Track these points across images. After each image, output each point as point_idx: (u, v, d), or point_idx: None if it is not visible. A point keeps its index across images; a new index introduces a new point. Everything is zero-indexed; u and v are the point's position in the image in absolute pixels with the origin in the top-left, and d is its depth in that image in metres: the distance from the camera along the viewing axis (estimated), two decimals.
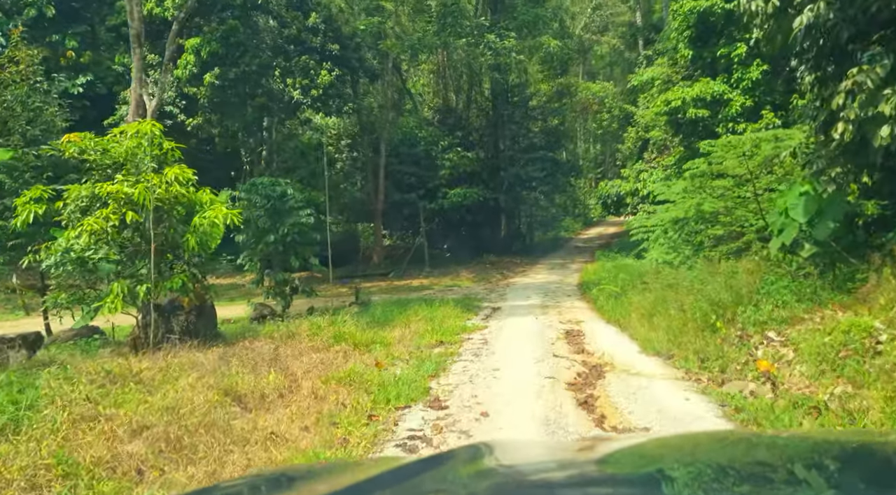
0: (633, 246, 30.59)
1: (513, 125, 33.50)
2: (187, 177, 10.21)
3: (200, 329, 11.57)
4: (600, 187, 27.57)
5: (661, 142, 26.17)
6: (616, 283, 17.50)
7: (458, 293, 21.42)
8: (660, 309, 11.31)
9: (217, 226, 10.04)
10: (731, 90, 19.70)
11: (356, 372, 8.40)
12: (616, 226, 47.09)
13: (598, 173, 59.68)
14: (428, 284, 24.95)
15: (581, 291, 20.33)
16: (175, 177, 9.89)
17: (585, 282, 21.66)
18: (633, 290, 15.45)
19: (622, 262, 24.07)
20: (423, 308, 15.25)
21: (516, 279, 25.39)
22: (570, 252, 34.82)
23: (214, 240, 10.83)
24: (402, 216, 30.54)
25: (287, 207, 16.54)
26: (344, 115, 26.84)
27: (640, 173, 26.66)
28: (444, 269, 28.98)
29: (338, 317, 14.40)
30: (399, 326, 12.98)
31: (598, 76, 59.13)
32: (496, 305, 17.70)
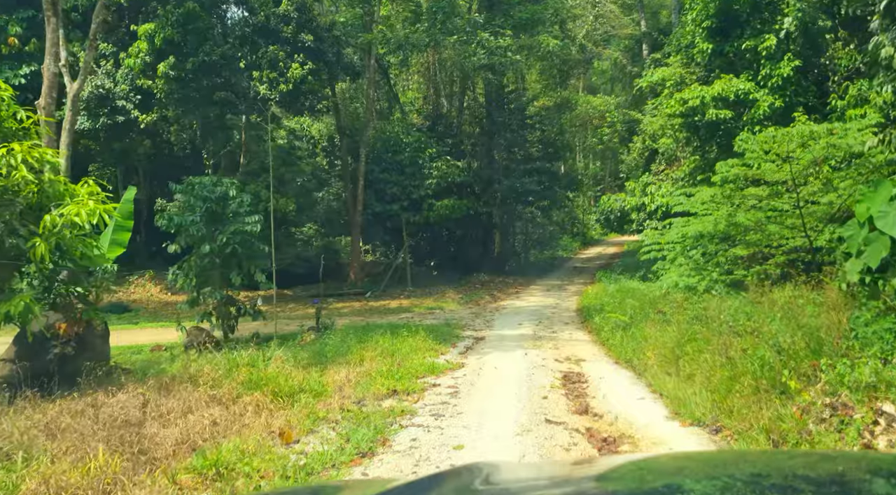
0: (638, 267, 27.83)
1: (508, 133, 30.80)
2: (45, 160, 7.36)
3: (81, 365, 8.71)
4: (602, 202, 24.80)
5: (670, 152, 23.44)
6: (623, 311, 14.68)
7: (439, 317, 18.57)
8: (688, 350, 8.47)
9: (80, 226, 7.18)
10: (757, 88, 17.00)
11: (244, 450, 5.53)
12: (616, 246, 44.41)
13: (597, 191, 57.17)
14: (408, 306, 22.09)
15: (581, 318, 17.49)
16: (23, 158, 7.05)
17: (586, 307, 18.82)
18: (645, 321, 12.63)
19: (627, 285, 21.28)
20: (388, 337, 12.38)
21: (508, 302, 22.54)
22: (568, 272, 31.99)
23: (90, 247, 7.96)
24: (384, 229, 27.71)
25: (229, 212, 13.71)
26: (318, 115, 24.07)
27: (646, 186, 23.91)
28: (429, 289, 26.13)
29: (278, 348, 11.56)
30: (350, 364, 10.11)
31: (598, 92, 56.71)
32: (480, 334, 14.82)
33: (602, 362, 10.79)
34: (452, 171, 26.77)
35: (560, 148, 33.08)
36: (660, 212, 22.48)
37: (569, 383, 9.02)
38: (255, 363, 8.92)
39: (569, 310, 19.65)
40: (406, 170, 27.07)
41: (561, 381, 9.12)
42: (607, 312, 15.34)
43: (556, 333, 14.61)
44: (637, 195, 24.13)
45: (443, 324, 16.49)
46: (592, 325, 15.19)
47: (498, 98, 31.39)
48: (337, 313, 20.93)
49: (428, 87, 33.01)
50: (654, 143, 25.22)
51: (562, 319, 17.42)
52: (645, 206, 23.20)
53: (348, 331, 14.14)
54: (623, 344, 11.38)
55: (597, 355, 11.54)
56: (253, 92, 21.33)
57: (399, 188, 26.79)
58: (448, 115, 31.38)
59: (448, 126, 31.05)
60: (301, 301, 24.04)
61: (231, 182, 14.16)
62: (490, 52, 25.67)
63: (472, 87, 31.88)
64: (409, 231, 28.86)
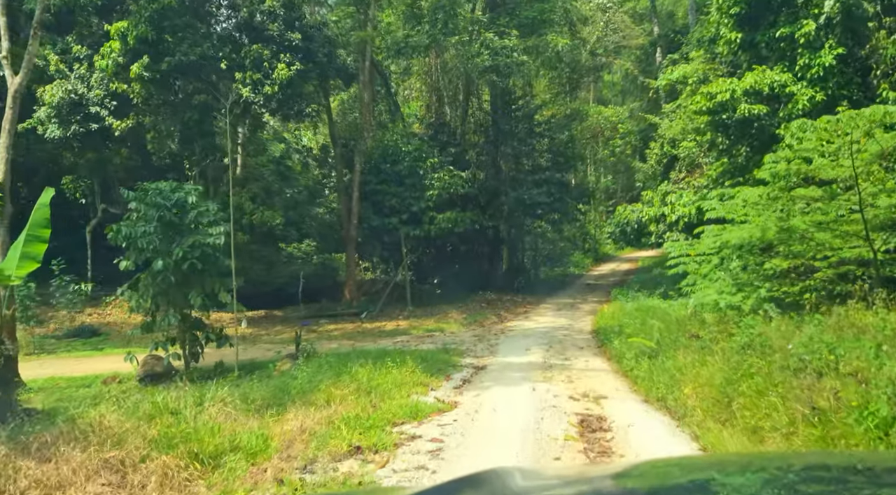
0: (657, 283, 25.72)
1: (515, 142, 28.89)
2: None
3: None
4: (617, 213, 22.84)
5: (691, 157, 21.48)
6: (647, 334, 12.65)
7: (437, 341, 16.58)
8: (745, 390, 6.46)
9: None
10: (794, 81, 15.04)
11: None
12: (630, 263, 42.29)
13: (608, 205, 55.23)
14: (405, 328, 20.11)
15: (597, 342, 15.45)
16: None
17: (602, 329, 16.77)
18: (676, 347, 10.62)
19: (647, 304, 19.22)
20: (369, 368, 10.40)
21: (515, 322, 20.51)
22: (580, 290, 29.90)
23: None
24: (382, 244, 25.78)
25: (188, 222, 11.81)
26: (307, 120, 22.27)
27: (666, 195, 21.93)
28: (431, 309, 24.14)
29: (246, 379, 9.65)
30: (314, 405, 8.13)
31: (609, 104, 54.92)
32: (481, 362, 12.80)
33: (628, 401, 8.77)
34: (455, 182, 24.84)
35: (571, 157, 31.11)
36: (681, 223, 20.52)
37: (588, 432, 7.01)
38: (179, 410, 6.93)
39: (583, 333, 17.61)
40: (405, 181, 25.18)
41: (578, 429, 7.10)
42: (628, 336, 13.32)
43: (569, 361, 12.57)
44: (656, 205, 22.14)
45: (440, 349, 14.49)
46: (611, 351, 13.15)
47: (504, 105, 29.55)
48: (326, 336, 18.98)
49: (430, 94, 31.19)
50: (672, 149, 23.27)
51: (575, 343, 15.38)
52: (665, 217, 21.20)
53: (328, 360, 12.14)
54: (652, 376, 9.35)
55: (620, 390, 9.51)
56: (235, 94, 19.53)
57: (398, 200, 24.89)
58: (451, 123, 29.53)
59: (451, 135, 29.18)
60: (291, 322, 22.10)
61: (194, 189, 12.27)
62: (494, 53, 23.88)
63: (476, 94, 30.06)
64: (409, 246, 26.92)
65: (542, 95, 35.23)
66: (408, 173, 25.15)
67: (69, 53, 21.64)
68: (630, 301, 21.47)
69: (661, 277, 28.60)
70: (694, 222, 20.27)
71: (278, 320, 22.80)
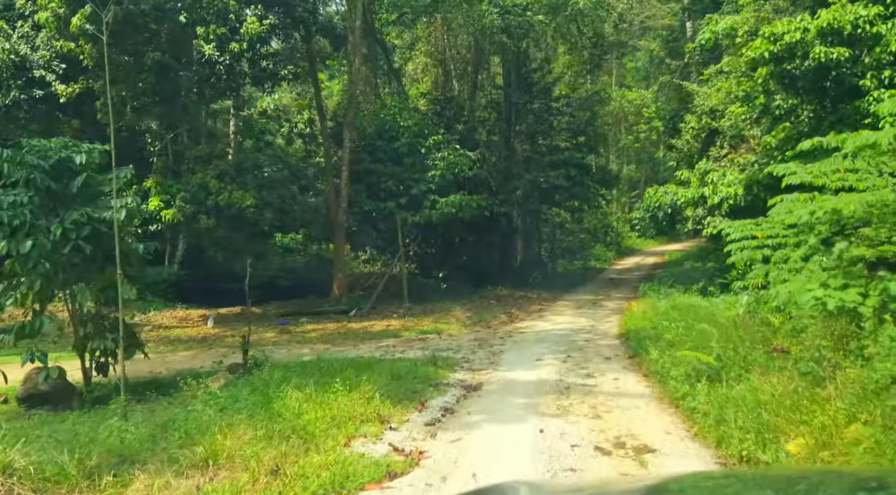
0: (690, 278, 22.39)
1: (531, 118, 25.66)
2: None
3: None
4: (647, 196, 19.56)
5: (737, 128, 18.12)
6: (697, 342, 9.49)
7: (429, 346, 13.49)
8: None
9: None
10: (885, 17, 11.69)
11: None
12: (656, 256, 38.98)
13: (631, 197, 51.77)
14: (397, 328, 17.01)
15: (628, 349, 12.26)
16: None
17: (633, 332, 13.57)
18: (747, 365, 7.46)
19: (685, 301, 16.06)
20: (308, 393, 7.30)
21: (528, 323, 17.34)
22: (602, 285, 26.61)
23: None
24: (378, 232, 22.66)
25: (73, 191, 8.75)
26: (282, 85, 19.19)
27: (706, 175, 18.61)
28: (431, 306, 21.02)
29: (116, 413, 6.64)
30: (181, 465, 5.04)
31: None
32: (475, 379, 9.65)
33: (690, 456, 5.58)
34: (461, 162, 21.64)
35: (592, 137, 27.79)
36: (725, 206, 17.21)
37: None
38: None
39: (608, 336, 14.40)
40: (404, 161, 22.08)
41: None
42: (670, 343, 10.15)
43: (593, 379, 9.38)
44: (694, 185, 18.81)
45: (426, 359, 11.36)
46: (648, 364, 9.95)
47: (518, 77, 26.32)
48: (300, 339, 15.95)
49: (436, 68, 28.01)
50: (712, 122, 19.89)
51: (600, 351, 12.17)
52: (705, 199, 17.87)
53: (274, 376, 9.04)
54: (722, 413, 6.14)
55: (673, 435, 6.31)
56: (196, 53, 16.50)
57: (395, 182, 21.79)
58: (459, 97, 26.35)
59: (458, 111, 26.02)
60: (268, 321, 19.10)
61: (94, 148, 9.16)
62: (505, 12, 20.68)
63: (486, 66, 26.81)
64: (409, 235, 23.84)
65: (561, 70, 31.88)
66: (407, 151, 22.06)
67: (13, 9, 18.77)
68: (663, 298, 18.26)
69: (694, 271, 25.30)
70: (741, 205, 16.98)
71: (254, 318, 19.77)
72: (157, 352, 14.49)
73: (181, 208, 16.82)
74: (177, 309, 20.03)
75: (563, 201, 26.98)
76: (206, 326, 18.01)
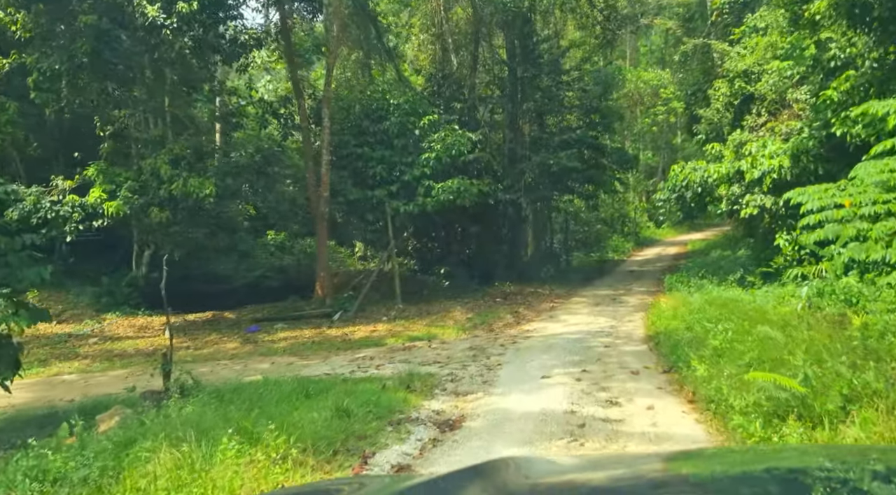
0: (722, 268, 19.66)
1: (538, 94, 22.99)
2: None
3: None
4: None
5: (778, 90, 15.43)
6: (761, 353, 6.93)
7: (414, 359, 10.99)
8: None
9: None
10: None
11: None
12: (678, 246, 36.22)
13: (648, 185, 48.95)
14: (382, 335, 14.49)
15: (658, 357, 9.69)
16: None
17: (663, 335, 10.99)
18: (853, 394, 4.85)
19: (722, 295, 13.53)
20: (187, 452, 4.76)
21: (537, 324, 14.74)
22: (622, 278, 23.92)
23: None
24: (367, 224, 20.07)
25: None
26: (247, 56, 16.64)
27: (741, 147, 15.91)
28: (429, 306, 18.51)
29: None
30: None
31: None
32: (458, 410, 7.09)
33: None
34: (459, 143, 19.02)
35: (607, 115, 25.05)
36: (768, 181, 14.52)
37: None
38: None
39: (633, 340, 11.78)
40: (394, 143, 19.54)
41: None
42: (724, 357, 7.59)
43: (618, 408, 6.78)
44: (728, 159, 16.11)
45: (401, 378, 8.83)
46: (693, 383, 7.37)
47: (523, 48, 23.66)
48: (265, 349, 13.45)
49: (433, 44, 25.41)
50: (747, 86, 17.17)
51: (624, 362, 9.57)
52: (742, 174, 15.18)
53: (178, 414, 6.55)
54: None
55: None
56: (140, 16, 14.02)
57: (384, 167, 19.24)
58: (457, 73, 23.72)
59: (457, 88, 23.42)
60: (238, 329, 16.62)
61: None
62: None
63: (487, 36, 24.13)
64: (404, 227, 21.29)
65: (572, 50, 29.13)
66: (397, 132, 19.50)
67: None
68: (694, 291, 15.63)
69: (724, 260, 22.51)
70: (787, 179, 14.28)
71: (225, 325, 17.34)
72: (87, 371, 12.07)
73: (127, 199, 14.37)
74: (138, 316, 17.63)
75: (576, 186, 24.32)
76: (165, 336, 15.55)
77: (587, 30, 28.59)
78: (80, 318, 17.18)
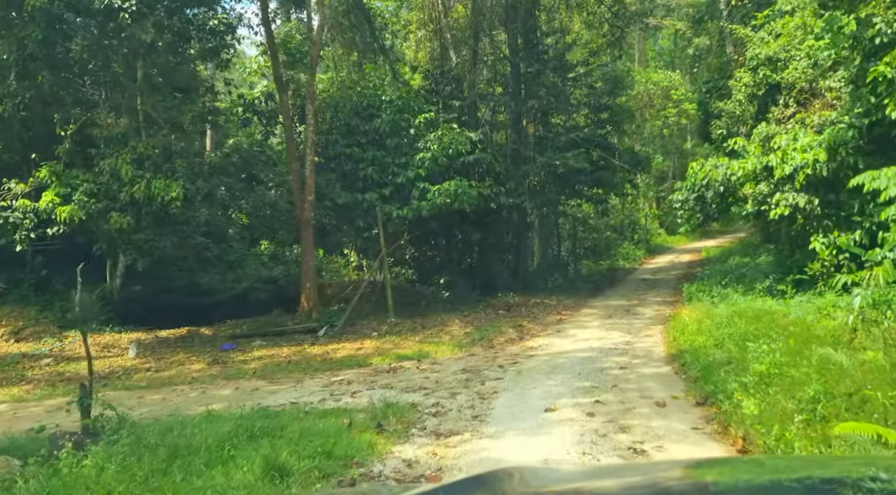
0: (745, 276, 18.00)
1: (542, 91, 21.42)
2: None
3: None
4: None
5: (817, 73, 13.81)
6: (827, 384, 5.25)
7: (395, 382, 9.40)
8: None
9: None
10: None
11: None
12: (691, 253, 34.63)
13: (659, 191, 47.43)
14: (369, 353, 12.89)
15: (686, 382, 8.08)
16: None
17: (689, 353, 9.40)
18: None
19: (752, 305, 11.96)
20: None
21: (542, 340, 13.09)
22: (635, 287, 22.25)
23: None
24: (357, 231, 18.46)
25: None
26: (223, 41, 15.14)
27: (769, 140, 14.28)
28: (424, 319, 16.92)
29: None
30: None
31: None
32: (432, 464, 5.46)
33: None
34: (457, 142, 17.46)
35: (617, 113, 23.45)
36: (801, 177, 12.88)
37: None
38: None
39: (653, 360, 10.15)
40: (387, 143, 18.01)
41: None
42: (772, 383, 6.00)
43: (646, 456, 5.13)
44: (754, 154, 14.47)
45: (374, 410, 7.25)
46: (739, 423, 5.74)
47: (527, 42, 22.15)
48: (235, 371, 11.86)
49: (431, 41, 23.90)
50: (773, 74, 15.55)
51: (645, 389, 7.93)
52: (771, 171, 13.53)
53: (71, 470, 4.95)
54: None
55: None
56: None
57: (376, 169, 17.71)
58: (457, 69, 22.17)
59: (456, 86, 21.89)
60: (213, 347, 15.01)
61: None
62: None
63: (487, 31, 22.59)
64: (399, 234, 19.69)
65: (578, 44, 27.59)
66: (390, 131, 17.98)
67: None
68: (718, 301, 14.03)
69: (744, 267, 20.88)
70: (822, 174, 12.64)
71: (199, 342, 15.75)
72: (23, 399, 10.49)
73: (83, 203, 12.84)
74: (105, 333, 16.08)
75: (584, 189, 22.72)
76: (129, 356, 14.01)
77: (594, 28, 27.08)
78: (40, 336, 15.67)
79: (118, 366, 13.05)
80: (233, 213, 18.27)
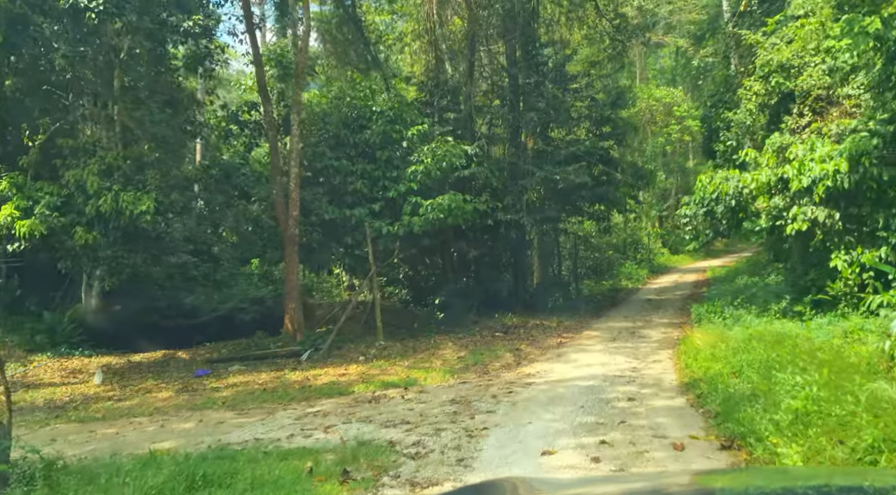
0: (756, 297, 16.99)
1: (541, 103, 20.53)
2: None
3: None
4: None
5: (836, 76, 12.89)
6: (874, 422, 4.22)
7: (375, 415, 8.36)
8: None
9: None
10: None
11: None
12: (696, 273, 33.58)
13: (662, 210, 46.61)
14: (352, 379, 11.84)
15: (705, 418, 7.05)
16: None
17: (704, 382, 8.42)
18: None
19: (769, 328, 10.92)
20: None
21: (541, 366, 12.04)
22: (639, 308, 21.19)
23: None
24: (346, 249, 17.45)
25: None
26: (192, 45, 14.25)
27: (784, 151, 13.34)
28: (416, 342, 15.88)
29: None
30: None
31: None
32: None
33: None
34: (452, 155, 16.52)
35: (620, 125, 22.53)
36: (820, 189, 11.89)
37: None
38: None
39: (664, 390, 9.11)
40: (377, 155, 17.07)
41: None
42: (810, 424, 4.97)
43: None
44: (768, 165, 13.51)
45: (345, 450, 6.22)
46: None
47: (525, 53, 21.30)
48: (205, 400, 10.80)
49: (426, 53, 23.07)
50: (786, 82, 14.63)
51: (658, 427, 6.89)
52: (787, 183, 12.55)
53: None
54: None
55: None
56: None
57: (366, 182, 16.75)
58: (453, 81, 21.30)
59: (452, 97, 21.00)
60: (188, 371, 13.96)
61: None
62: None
63: (484, 41, 21.75)
64: (391, 252, 18.68)
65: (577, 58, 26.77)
66: (380, 143, 17.05)
67: None
68: (731, 323, 13.01)
69: (753, 288, 19.78)
70: (843, 186, 11.65)
71: (175, 366, 14.69)
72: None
73: (45, 217, 11.86)
74: (73, 357, 15.04)
75: (585, 205, 21.75)
76: (94, 383, 12.95)
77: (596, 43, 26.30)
78: (5, 361, 14.59)
79: (80, 393, 11.99)
80: (223, 230, 17.34)
